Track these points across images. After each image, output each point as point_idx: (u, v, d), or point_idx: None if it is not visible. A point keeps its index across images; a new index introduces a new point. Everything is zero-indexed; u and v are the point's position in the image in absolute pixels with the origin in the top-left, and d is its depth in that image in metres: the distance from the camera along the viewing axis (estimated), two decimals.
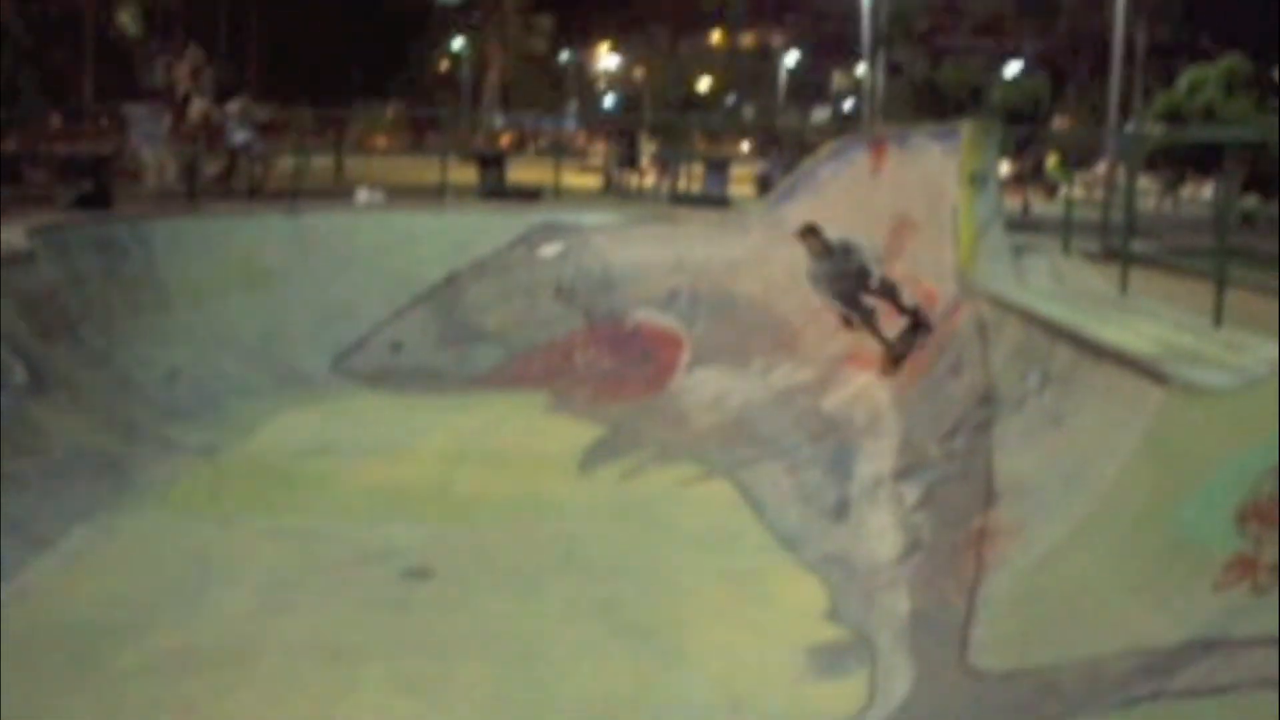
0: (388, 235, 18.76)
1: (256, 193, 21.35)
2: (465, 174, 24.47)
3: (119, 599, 9.46)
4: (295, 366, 16.42)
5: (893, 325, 13.20)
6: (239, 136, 22.49)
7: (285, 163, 24.10)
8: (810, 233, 13.33)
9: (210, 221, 18.24)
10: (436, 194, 22.21)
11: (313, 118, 28.20)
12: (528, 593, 9.78)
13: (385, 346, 17.46)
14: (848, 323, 13.41)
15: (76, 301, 14.61)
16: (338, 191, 22.23)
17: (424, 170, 24.23)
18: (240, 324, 16.50)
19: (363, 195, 21.65)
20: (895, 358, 13.16)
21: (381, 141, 36.08)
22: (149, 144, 21.18)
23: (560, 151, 29.89)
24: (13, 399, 11.79)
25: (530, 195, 22.74)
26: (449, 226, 19.36)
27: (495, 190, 23.32)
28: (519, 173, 25.57)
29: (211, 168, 22.44)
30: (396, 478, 12.71)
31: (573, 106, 65.74)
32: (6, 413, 11.55)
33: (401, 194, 22.43)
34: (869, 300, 13.27)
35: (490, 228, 19.33)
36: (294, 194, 20.67)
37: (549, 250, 19.19)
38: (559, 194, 23.44)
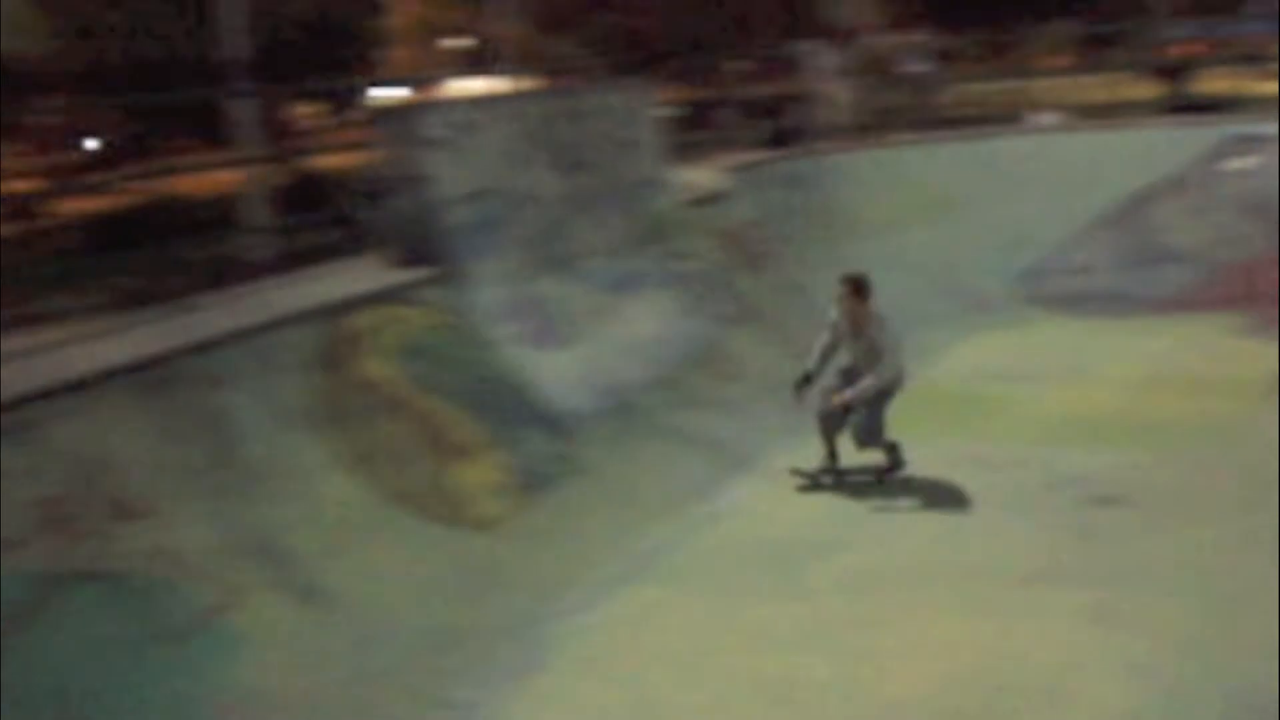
0: (1067, 156, 18.27)
1: (933, 121, 21.47)
2: (1145, 89, 23.46)
3: (811, 519, 9.91)
4: (977, 292, 16.41)
5: None
6: (914, 67, 22.69)
7: (960, 89, 24.06)
8: (855, 285, 10.91)
9: (889, 152, 18.56)
10: (1116, 111, 21.48)
11: (985, 42, 27.94)
12: (1218, 524, 9.28)
13: (1068, 270, 17.12)
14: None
15: (769, 235, 15.31)
16: (1013, 115, 21.93)
17: (1102, 88, 23.46)
18: (922, 251, 16.68)
19: (1039, 117, 21.29)
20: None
21: (1056, 61, 35.22)
22: (828, 80, 21.72)
23: (1248, 59, 28.01)
24: (716, 329, 12.56)
25: (1217, 107, 21.50)
26: (1131, 144, 18.58)
27: (1179, 104, 22.21)
28: (1204, 84, 24.21)
29: (889, 99, 22.77)
30: (1081, 403, 12.47)
31: (1258, 8, 61.28)
32: (711, 342, 12.34)
33: (1079, 114, 21.83)
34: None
35: (1175, 143, 18.39)
36: (969, 120, 20.62)
37: (1239, 164, 18.09)
38: (1248, 104, 22.03)
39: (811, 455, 10.93)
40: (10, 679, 6.51)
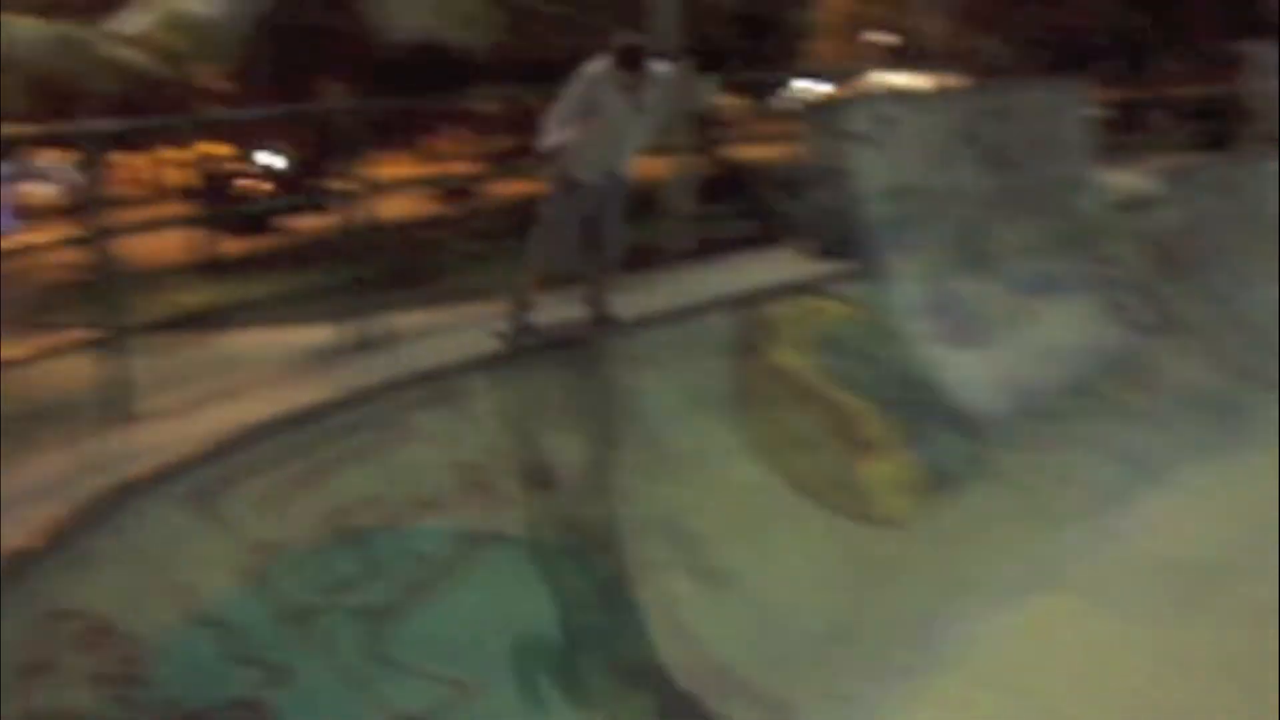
0: None
1: None
2: None
3: (1227, 540, 9.37)
4: None
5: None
6: None
7: None
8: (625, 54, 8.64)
9: None
10: None
11: None
12: None
13: None
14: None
15: (1198, 244, 14.65)
16: None
17: None
18: None
19: None
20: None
21: None
22: (1273, 81, 20.55)
23: None
24: (1136, 337, 12.15)
25: None
26: None
27: None
28: None
29: None
30: None
31: None
32: (1130, 351, 11.95)
33: None
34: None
35: None
36: None
37: None
38: None
39: (1235, 472, 10.43)
40: (431, 626, 6.94)
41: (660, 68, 8.74)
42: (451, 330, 9.77)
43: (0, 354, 8.00)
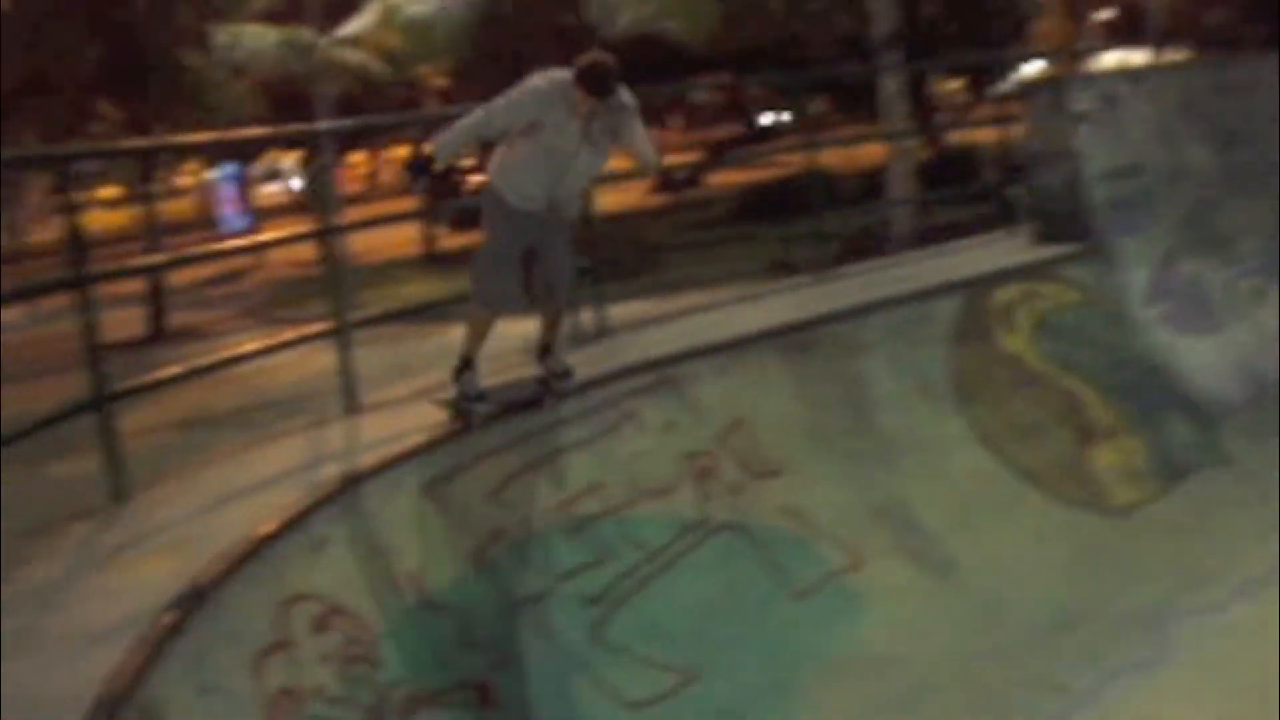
0: None
1: None
2: None
3: None
4: None
5: None
6: None
7: None
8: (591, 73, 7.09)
9: None
10: None
11: None
12: None
13: None
14: None
15: None
16: None
17: None
18: None
19: None
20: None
21: None
22: None
23: None
24: None
25: None
26: None
27: None
28: None
29: None
30: None
31: None
32: None
33: None
34: None
35: None
36: None
37: None
38: None
39: None
40: (653, 614, 6.99)
41: (628, 99, 7.37)
42: (670, 320, 9.82)
43: (240, 348, 8.29)
